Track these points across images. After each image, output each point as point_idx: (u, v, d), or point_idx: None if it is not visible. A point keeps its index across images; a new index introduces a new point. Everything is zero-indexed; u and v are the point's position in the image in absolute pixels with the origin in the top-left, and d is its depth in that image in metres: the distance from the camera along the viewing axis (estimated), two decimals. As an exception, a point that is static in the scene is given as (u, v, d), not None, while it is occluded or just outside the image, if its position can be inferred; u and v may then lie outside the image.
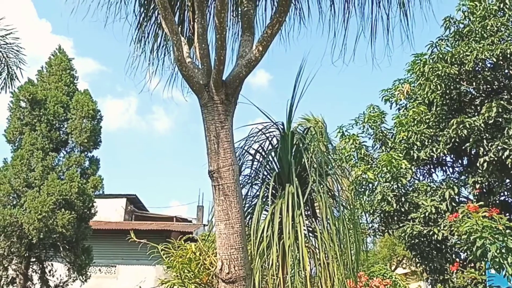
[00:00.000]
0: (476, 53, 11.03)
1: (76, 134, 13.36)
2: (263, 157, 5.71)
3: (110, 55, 28.98)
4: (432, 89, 12.08)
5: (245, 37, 5.62)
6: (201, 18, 5.26)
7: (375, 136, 14.38)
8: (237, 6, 6.40)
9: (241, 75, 5.13)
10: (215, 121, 4.96)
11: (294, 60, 7.01)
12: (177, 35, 4.92)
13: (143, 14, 6.38)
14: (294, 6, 6.63)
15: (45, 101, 13.42)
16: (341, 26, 5.71)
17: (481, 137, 11.21)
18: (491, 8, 11.54)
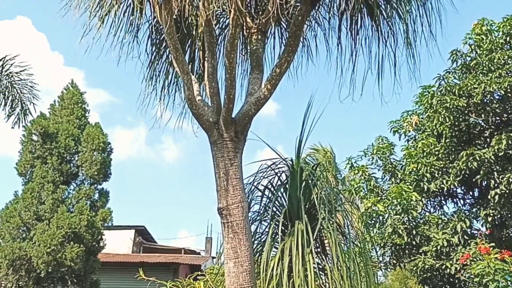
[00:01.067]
0: (484, 86, 11.08)
1: (87, 166, 13.50)
2: (272, 193, 5.72)
3: (121, 87, 29.53)
4: (441, 121, 12.08)
5: (254, 75, 5.73)
6: (211, 57, 5.39)
7: (385, 167, 14.32)
8: (246, 45, 6.54)
9: (250, 113, 5.20)
10: (225, 158, 5.01)
11: (302, 92, 7.10)
12: (187, 75, 5.04)
13: (154, 53, 6.53)
14: (302, 43, 6.75)
15: (56, 134, 13.62)
16: (349, 64, 5.80)
17: (492, 169, 11.13)
18: (497, 42, 11.65)
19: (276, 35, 6.88)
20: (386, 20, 5.37)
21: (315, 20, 6.56)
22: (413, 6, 5.18)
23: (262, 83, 5.48)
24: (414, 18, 5.17)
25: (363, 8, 5.44)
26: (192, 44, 6.50)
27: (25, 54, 21.79)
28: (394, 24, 5.40)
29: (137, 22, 6.05)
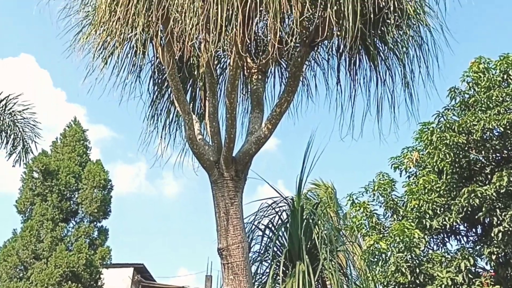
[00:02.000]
0: (483, 123, 11.13)
1: (87, 204, 13.44)
2: (273, 232, 5.68)
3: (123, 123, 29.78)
4: (441, 157, 12.07)
5: (255, 114, 5.79)
6: (212, 97, 5.47)
7: (386, 204, 14.20)
8: (247, 84, 6.64)
9: (251, 152, 5.23)
10: (225, 198, 5.00)
11: (303, 128, 7.14)
12: (189, 115, 5.10)
13: (156, 92, 6.63)
14: (301, 82, 6.84)
15: (57, 171, 13.64)
16: (348, 103, 5.87)
17: (494, 206, 11.04)
18: (495, 79, 11.79)
19: (276, 74, 7.00)
20: (384, 61, 5.47)
21: (314, 60, 6.68)
22: (410, 48, 5.29)
23: (263, 122, 5.54)
24: (411, 59, 5.28)
25: (361, 49, 5.56)
26: (193, 84, 6.61)
27: (29, 91, 22.12)
28: (392, 65, 5.51)
29: (140, 63, 6.17)
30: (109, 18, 4.53)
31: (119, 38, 5.10)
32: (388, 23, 5.02)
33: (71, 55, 5.50)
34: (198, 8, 4.44)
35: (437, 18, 5.02)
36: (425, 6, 5.03)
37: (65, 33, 5.46)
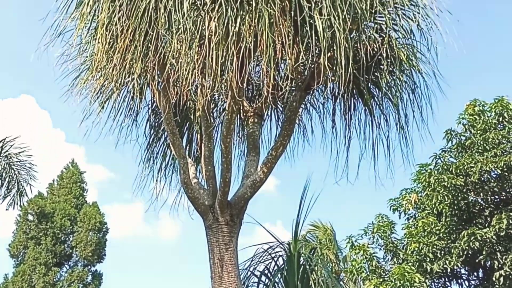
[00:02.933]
0: (480, 165, 11.14)
1: (81, 247, 13.23)
2: (269, 279, 5.55)
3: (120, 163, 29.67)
4: (440, 199, 12.00)
5: (251, 157, 5.78)
6: (207, 141, 5.47)
7: (386, 247, 14.00)
8: (243, 127, 6.67)
9: (246, 196, 5.19)
10: (220, 243, 4.92)
11: (302, 169, 7.11)
12: (184, 159, 5.09)
13: (153, 136, 6.65)
14: (297, 125, 6.88)
15: (53, 214, 13.50)
16: (344, 147, 5.88)
17: (494, 249, 10.88)
18: (490, 122, 11.90)
19: (273, 116, 7.04)
20: (378, 105, 5.52)
21: (310, 103, 6.74)
22: (404, 92, 5.35)
23: (258, 166, 5.52)
24: (405, 103, 5.33)
25: (355, 94, 5.62)
26: (190, 127, 6.64)
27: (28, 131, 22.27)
28: (386, 109, 5.55)
29: (137, 107, 6.22)
30: (106, 65, 4.59)
31: (116, 83, 5.16)
32: (381, 68, 5.10)
33: (69, 99, 5.53)
34: (195, 53, 4.52)
35: (429, 63, 5.11)
36: (417, 52, 5.13)
37: (63, 78, 5.53)
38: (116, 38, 4.40)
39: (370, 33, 4.87)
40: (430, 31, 4.81)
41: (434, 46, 4.88)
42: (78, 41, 4.85)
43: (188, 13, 4.30)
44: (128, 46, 4.42)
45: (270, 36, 4.16)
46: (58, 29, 4.61)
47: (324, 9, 4.13)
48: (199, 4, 4.45)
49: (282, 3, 4.28)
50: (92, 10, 4.49)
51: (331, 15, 4.13)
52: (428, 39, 4.87)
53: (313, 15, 4.20)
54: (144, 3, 4.24)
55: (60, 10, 4.55)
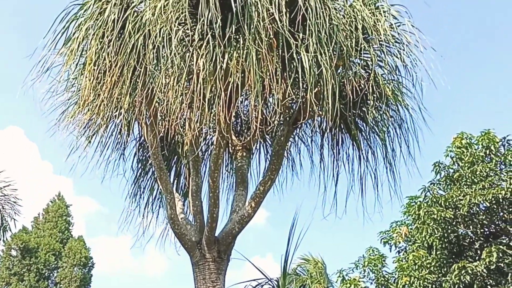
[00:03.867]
0: (469, 198, 11.16)
1: (65, 284, 12.87)
2: (257, 317, 5.41)
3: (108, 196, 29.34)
4: (430, 232, 11.97)
5: (239, 192, 5.74)
6: (195, 176, 5.43)
7: (377, 280, 13.84)
8: (232, 161, 6.65)
9: (234, 232, 5.12)
10: (206, 281, 4.82)
11: (292, 201, 7.06)
12: (171, 194, 5.03)
13: (140, 170, 6.59)
14: (286, 158, 6.87)
15: (37, 249, 13.18)
16: (332, 180, 5.87)
17: (485, 283, 10.79)
18: (478, 155, 11.99)
19: (261, 150, 7.04)
20: (366, 140, 5.55)
21: (298, 137, 6.76)
22: (391, 127, 5.39)
23: (247, 201, 5.48)
24: (392, 138, 5.36)
25: (343, 128, 5.65)
26: (177, 161, 6.60)
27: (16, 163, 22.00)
28: (374, 143, 5.58)
29: (124, 141, 6.19)
30: (94, 100, 4.59)
31: (104, 118, 5.14)
32: (368, 104, 5.16)
33: (56, 133, 5.48)
34: (183, 88, 4.53)
35: (414, 98, 5.17)
36: (403, 88, 5.20)
37: (50, 112, 5.49)
38: (104, 73, 4.41)
39: (356, 69, 4.94)
40: (415, 67, 4.89)
41: (419, 82, 4.96)
42: (65, 77, 4.84)
43: (177, 49, 4.33)
44: (116, 82, 4.43)
45: (257, 72, 4.20)
46: (46, 65, 4.61)
47: (310, 46, 4.19)
48: (187, 40, 4.49)
49: (270, 40, 4.34)
50: (81, 46, 4.51)
51: (318, 52, 4.19)
52: (413, 75, 4.95)
53: (300, 52, 4.26)
54: (132, 39, 4.27)
55: (48, 46, 4.56)
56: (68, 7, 4.61)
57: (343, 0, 4.68)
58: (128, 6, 4.50)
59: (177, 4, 4.17)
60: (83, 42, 4.52)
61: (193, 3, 4.35)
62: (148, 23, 4.26)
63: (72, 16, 4.63)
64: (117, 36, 4.40)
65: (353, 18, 4.56)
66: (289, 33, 4.18)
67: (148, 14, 4.30)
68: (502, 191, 10.90)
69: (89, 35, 4.45)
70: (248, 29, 4.18)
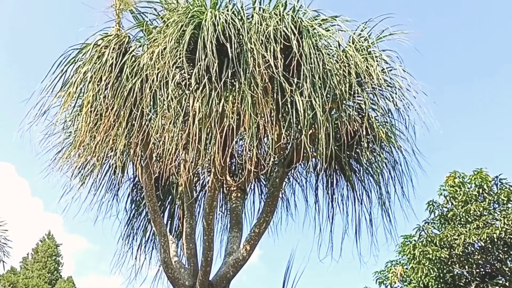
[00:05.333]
0: (463, 237, 11.14)
1: (53, 327, 12.47)
2: None
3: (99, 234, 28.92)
4: (426, 273, 11.86)
5: (233, 233, 5.69)
6: (189, 218, 5.39)
7: (373, 322, 13.58)
8: (226, 202, 6.61)
9: (228, 275, 5.04)
10: (200, 326, 4.70)
11: (286, 240, 6.98)
12: (165, 237, 4.97)
13: (133, 210, 6.53)
14: (281, 199, 6.85)
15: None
16: (327, 223, 5.84)
17: (484, 325, 10.61)
18: (471, 194, 12.05)
19: (256, 190, 7.02)
20: (360, 181, 5.57)
21: (293, 178, 6.77)
22: (385, 169, 5.43)
23: (241, 243, 5.42)
24: (386, 180, 5.39)
25: (337, 170, 5.68)
26: (172, 202, 6.55)
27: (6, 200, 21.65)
28: (368, 184, 5.60)
29: (118, 182, 6.16)
30: (89, 141, 4.59)
31: (99, 158, 5.14)
32: (362, 146, 5.21)
33: (50, 174, 5.45)
34: (179, 130, 4.56)
35: (407, 141, 5.24)
36: (396, 130, 5.27)
37: (45, 153, 5.47)
38: (100, 116, 4.45)
39: (350, 112, 5.01)
40: (407, 111, 4.98)
41: (412, 125, 5.04)
42: (62, 118, 4.87)
43: (173, 92, 4.39)
44: (112, 124, 4.45)
45: (252, 115, 4.25)
46: (43, 108, 4.64)
47: (305, 90, 4.27)
48: (184, 84, 4.56)
49: (265, 84, 4.42)
50: (78, 89, 4.56)
51: (312, 97, 4.26)
52: (406, 118, 5.03)
53: (295, 96, 4.33)
54: (130, 83, 4.33)
55: (46, 89, 4.60)
56: (66, 52, 4.68)
57: (336, 46, 4.80)
58: (127, 51, 4.59)
59: (175, 50, 4.26)
60: (81, 85, 4.57)
61: (190, 49, 4.45)
62: (146, 67, 4.34)
63: (70, 59, 4.70)
64: (114, 80, 4.46)
65: (346, 63, 4.66)
66: (284, 78, 4.27)
67: (146, 58, 4.38)
68: (496, 231, 10.89)
69: (87, 78, 4.50)
70: (244, 74, 4.26)
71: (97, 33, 4.79)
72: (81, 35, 4.87)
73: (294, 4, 4.56)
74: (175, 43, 4.32)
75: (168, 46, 4.23)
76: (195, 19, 4.40)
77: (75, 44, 4.73)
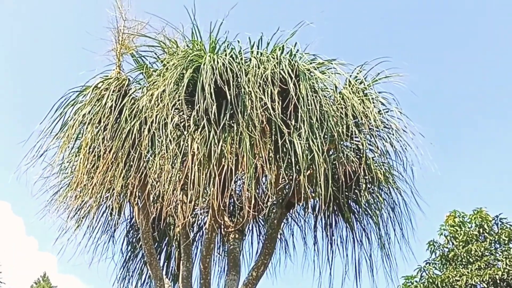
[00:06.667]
0: (465, 279, 10.94)
1: None
2: None
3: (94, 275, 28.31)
4: (428, 316, 11.56)
5: (231, 276, 5.57)
6: (186, 260, 5.31)
7: None
8: (224, 243, 6.53)
9: (226, 320, 4.91)
10: None
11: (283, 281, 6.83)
12: (161, 281, 4.88)
13: (130, 252, 6.43)
14: (279, 240, 6.77)
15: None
16: (326, 264, 5.75)
17: None
18: (471, 233, 11.92)
19: (254, 231, 6.94)
20: (359, 222, 5.52)
21: (292, 218, 6.71)
22: (384, 210, 5.39)
23: (239, 286, 5.31)
24: (385, 221, 5.35)
25: (336, 211, 5.64)
26: (168, 244, 6.46)
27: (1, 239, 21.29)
28: (367, 225, 5.55)
29: (115, 223, 6.10)
30: (87, 182, 4.58)
31: (96, 199, 5.10)
32: (360, 186, 5.19)
33: (46, 215, 5.39)
34: (177, 172, 4.56)
35: (406, 182, 5.23)
36: (394, 171, 5.27)
37: (42, 194, 5.43)
38: (98, 158, 4.45)
39: (348, 153, 5.03)
40: (405, 152, 5.00)
41: (410, 166, 5.05)
42: (59, 160, 4.87)
43: (172, 134, 4.42)
44: (110, 166, 4.45)
45: (251, 157, 4.26)
46: (41, 150, 4.65)
47: (303, 132, 4.30)
48: (182, 126, 4.60)
49: (262, 126, 4.45)
50: (77, 130, 4.59)
51: (310, 138, 4.29)
52: (404, 159, 5.05)
53: (292, 138, 4.35)
54: (128, 125, 4.36)
55: (45, 131, 4.63)
56: (66, 94, 4.74)
57: (333, 88, 4.87)
58: (126, 93, 4.65)
59: (174, 92, 4.32)
60: (79, 127, 4.60)
61: (189, 91, 4.51)
62: (145, 109, 4.38)
63: (70, 101, 4.75)
64: (113, 122, 4.49)
65: (343, 105, 4.72)
66: (282, 121, 4.31)
67: (145, 100, 4.43)
68: (499, 272, 10.71)
69: (86, 120, 4.54)
70: (242, 116, 4.30)
71: (98, 76, 4.87)
72: (82, 77, 4.95)
73: (291, 48, 4.66)
74: (174, 86, 4.38)
75: (167, 88, 4.29)
76: (194, 62, 4.49)
77: (76, 87, 4.79)
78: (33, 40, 11.54)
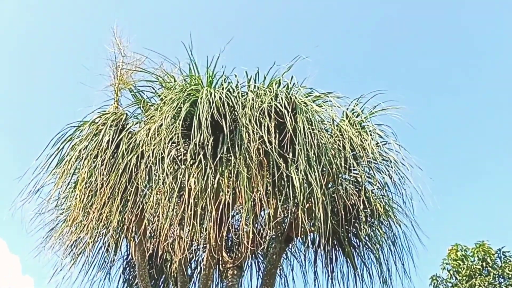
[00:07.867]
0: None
1: None
2: None
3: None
4: None
5: (230, 314, 5.43)
6: (183, 298, 5.17)
7: None
8: (222, 279, 6.38)
9: None
10: None
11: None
12: (157, 319, 4.73)
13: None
14: (279, 275, 6.63)
15: None
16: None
17: None
18: (475, 267, 11.72)
19: (253, 266, 6.80)
20: (360, 257, 5.42)
21: (291, 252, 6.59)
22: (384, 244, 5.30)
23: (238, 325, 5.17)
24: (386, 255, 5.25)
25: (336, 244, 5.55)
26: (165, 281, 6.32)
27: (0, 274, 20.83)
28: (368, 261, 5.44)
29: (111, 259, 5.98)
30: (83, 218, 4.52)
31: (92, 235, 5.03)
32: (360, 220, 5.13)
33: (41, 252, 5.29)
34: (174, 205, 4.50)
35: (406, 215, 5.16)
36: (394, 204, 5.21)
37: (37, 230, 5.34)
38: (95, 193, 4.41)
39: (347, 186, 4.99)
40: (403, 184, 4.96)
41: (409, 199, 4.99)
42: (55, 196, 4.82)
43: (169, 168, 4.38)
44: (106, 201, 4.40)
45: (248, 191, 4.21)
46: (37, 186, 4.61)
47: (300, 165, 4.27)
48: (179, 159, 4.57)
49: (259, 159, 4.43)
50: (74, 165, 4.56)
51: (307, 171, 4.25)
52: (403, 192, 5.00)
53: (290, 172, 4.32)
54: (125, 160, 4.34)
55: (41, 167, 4.60)
56: (64, 129, 4.74)
57: (330, 121, 4.87)
58: (123, 128, 4.65)
59: (171, 126, 4.31)
60: (76, 162, 4.58)
61: (186, 125, 4.51)
62: (142, 143, 4.36)
63: (67, 137, 4.75)
64: (110, 156, 4.47)
65: (341, 138, 4.71)
66: (279, 154, 4.28)
67: (142, 135, 4.42)
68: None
69: (83, 155, 4.52)
70: (239, 149, 4.28)
71: (96, 111, 4.89)
72: (80, 113, 4.96)
73: (288, 82, 4.69)
74: (171, 120, 4.38)
75: (164, 122, 4.29)
76: (192, 96, 4.51)
77: (73, 122, 4.80)
78: (31, 75, 11.65)
